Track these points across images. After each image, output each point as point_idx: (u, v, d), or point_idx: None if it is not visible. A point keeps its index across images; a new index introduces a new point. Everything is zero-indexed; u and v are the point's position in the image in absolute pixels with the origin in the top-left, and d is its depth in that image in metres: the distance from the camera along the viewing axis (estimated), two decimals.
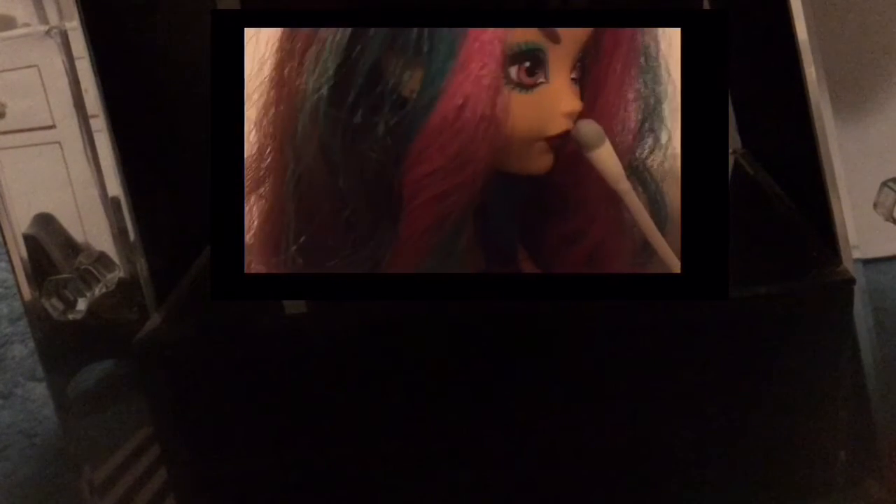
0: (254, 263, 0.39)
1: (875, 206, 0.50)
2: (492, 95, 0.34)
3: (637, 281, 0.40)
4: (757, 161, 0.63)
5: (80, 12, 0.50)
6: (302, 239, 0.37)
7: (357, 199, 0.36)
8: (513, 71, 0.35)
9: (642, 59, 0.37)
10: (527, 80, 0.35)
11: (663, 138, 0.38)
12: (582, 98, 0.37)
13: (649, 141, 0.38)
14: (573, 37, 0.36)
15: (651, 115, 0.38)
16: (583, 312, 0.49)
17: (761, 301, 0.49)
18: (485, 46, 0.34)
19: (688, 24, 0.39)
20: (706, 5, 0.64)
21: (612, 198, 0.38)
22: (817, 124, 0.49)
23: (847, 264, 0.50)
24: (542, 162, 0.37)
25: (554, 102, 0.36)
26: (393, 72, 0.35)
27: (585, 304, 0.48)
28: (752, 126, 0.64)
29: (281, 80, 0.37)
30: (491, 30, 0.35)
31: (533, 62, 0.35)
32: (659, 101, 0.38)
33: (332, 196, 0.37)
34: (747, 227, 0.54)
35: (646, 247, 0.39)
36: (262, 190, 0.38)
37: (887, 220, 0.49)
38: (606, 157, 0.36)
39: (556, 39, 0.35)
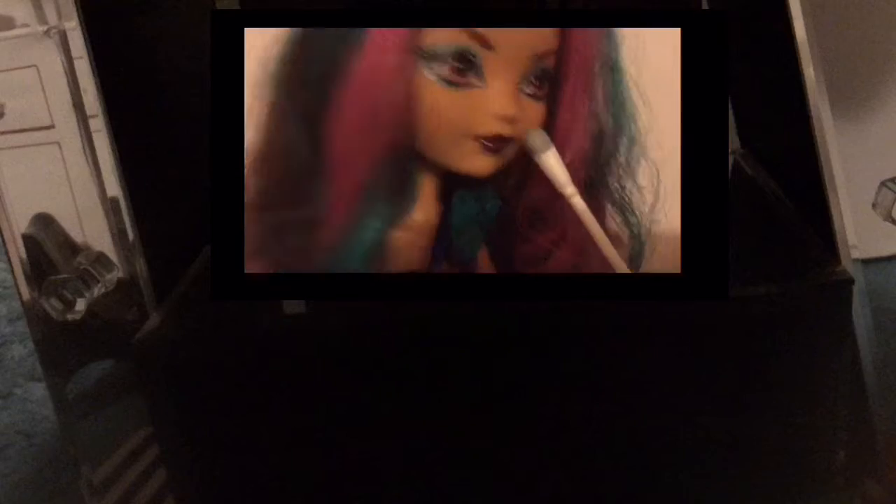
0: None
1: (874, 205, 0.50)
2: (402, 80, 0.37)
3: (637, 281, 0.40)
4: (756, 161, 0.63)
5: (79, 12, 0.50)
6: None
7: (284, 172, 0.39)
8: (443, 69, 0.37)
9: (607, 82, 0.39)
10: (455, 77, 0.37)
11: (633, 160, 0.39)
12: (549, 116, 0.39)
13: (620, 163, 0.39)
14: (514, 46, 0.38)
15: (618, 137, 0.39)
16: (582, 312, 0.49)
17: (760, 301, 0.49)
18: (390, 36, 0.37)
19: (687, 25, 0.39)
20: (704, 5, 0.64)
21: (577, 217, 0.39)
22: (816, 124, 0.49)
23: (846, 264, 0.50)
24: (477, 163, 0.38)
25: (487, 104, 0.38)
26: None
27: (585, 304, 0.48)
28: (751, 126, 0.64)
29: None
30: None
31: (464, 64, 0.37)
32: (626, 124, 0.39)
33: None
34: (746, 227, 0.54)
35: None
36: None
37: (886, 219, 0.49)
38: (553, 163, 0.38)
39: (487, 45, 0.37)
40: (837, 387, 0.45)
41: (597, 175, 0.40)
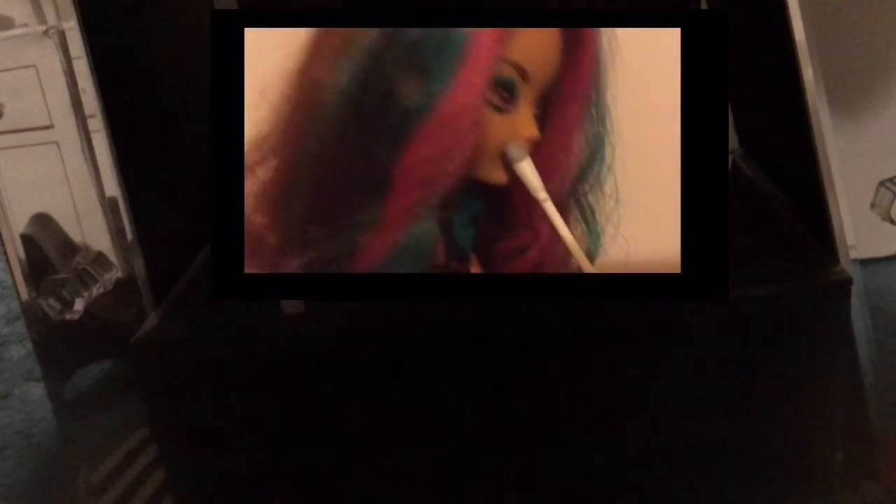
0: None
1: (872, 206, 0.50)
2: (476, 108, 0.41)
3: (637, 281, 0.40)
4: (755, 161, 0.63)
5: (77, 12, 0.50)
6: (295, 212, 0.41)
7: (348, 184, 0.41)
8: (494, 96, 0.41)
9: (592, 108, 0.43)
10: (502, 104, 0.41)
11: (602, 176, 0.43)
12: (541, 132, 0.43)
13: (590, 178, 0.43)
14: (538, 78, 0.41)
15: (594, 156, 0.43)
16: (583, 312, 0.49)
17: (760, 301, 0.49)
18: (479, 66, 0.41)
19: (687, 25, 0.39)
20: (703, 6, 0.64)
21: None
22: (814, 125, 0.49)
23: (844, 264, 0.50)
24: (499, 174, 0.42)
25: (517, 127, 0.42)
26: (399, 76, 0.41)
27: (585, 304, 0.48)
28: (749, 126, 0.64)
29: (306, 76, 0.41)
30: (487, 52, 0.41)
31: (510, 92, 0.41)
32: (601, 145, 0.43)
33: (325, 180, 0.41)
34: (744, 228, 0.54)
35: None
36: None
37: (884, 219, 0.49)
38: (528, 170, 0.42)
39: (525, 77, 0.41)
40: (836, 386, 0.46)
41: (570, 186, 0.43)
